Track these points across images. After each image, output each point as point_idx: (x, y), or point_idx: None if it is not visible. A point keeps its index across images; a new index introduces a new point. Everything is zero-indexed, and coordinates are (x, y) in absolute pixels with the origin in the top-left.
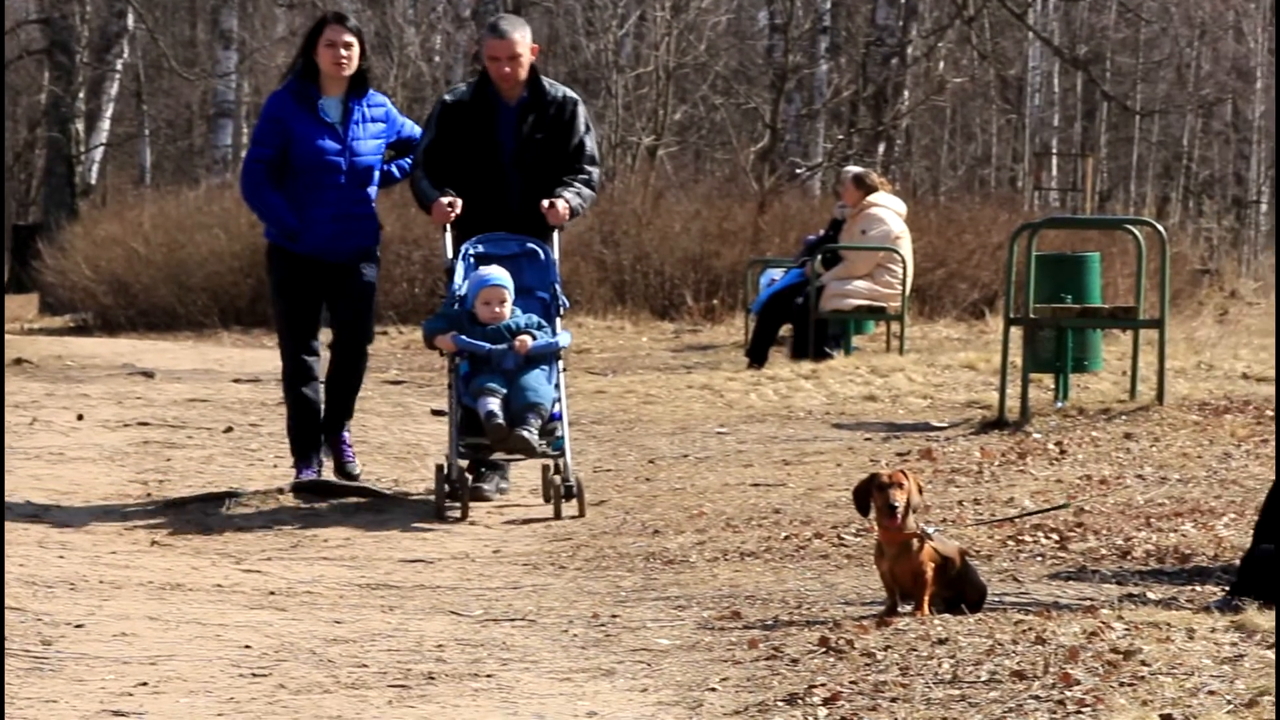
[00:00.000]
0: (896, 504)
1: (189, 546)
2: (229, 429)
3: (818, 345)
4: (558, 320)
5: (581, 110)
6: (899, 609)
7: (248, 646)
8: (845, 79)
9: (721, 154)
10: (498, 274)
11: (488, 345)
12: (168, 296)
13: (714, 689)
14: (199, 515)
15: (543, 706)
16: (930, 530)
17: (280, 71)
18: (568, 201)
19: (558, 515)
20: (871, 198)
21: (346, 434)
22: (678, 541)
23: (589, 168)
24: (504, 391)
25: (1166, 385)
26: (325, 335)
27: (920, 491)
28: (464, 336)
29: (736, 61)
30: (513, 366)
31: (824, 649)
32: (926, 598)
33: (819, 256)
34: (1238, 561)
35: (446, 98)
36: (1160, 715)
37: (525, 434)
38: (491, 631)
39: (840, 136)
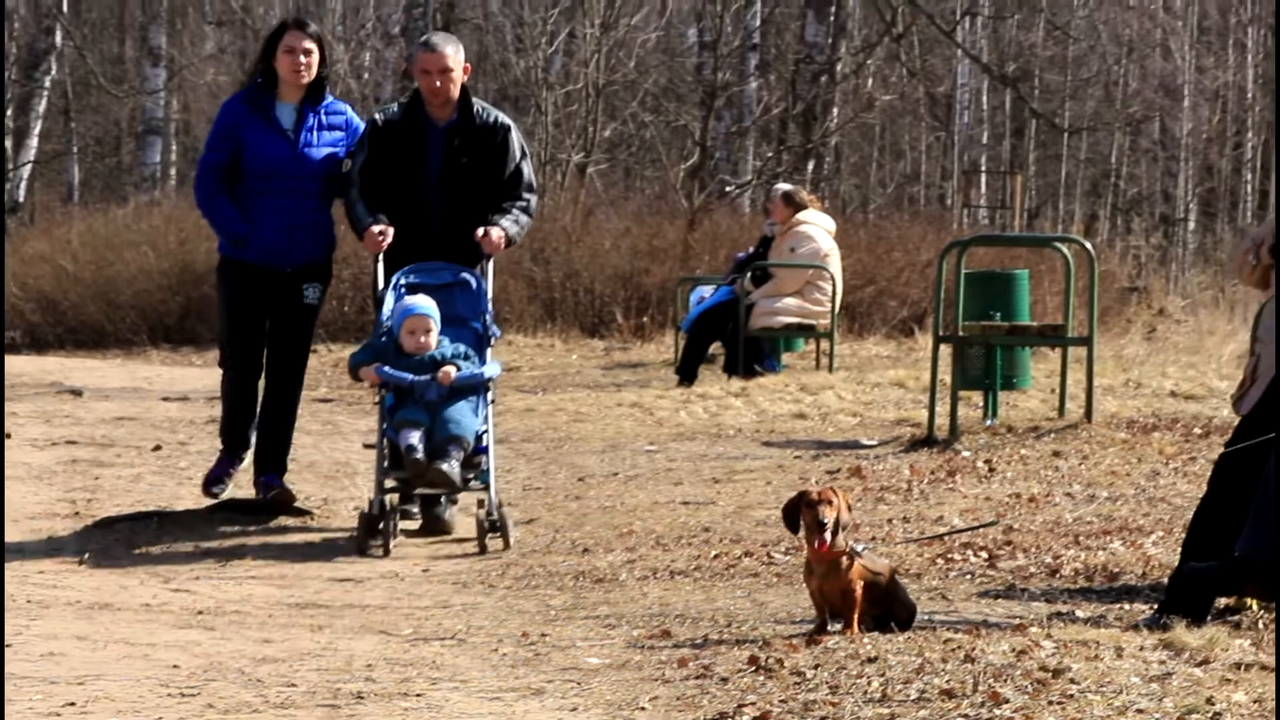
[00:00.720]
0: (825, 520)
1: (117, 566)
2: (158, 447)
3: (747, 363)
4: (489, 350)
5: (515, 135)
6: (828, 627)
7: (176, 666)
8: (774, 96)
9: (651, 171)
10: (422, 303)
11: (410, 376)
12: (96, 314)
13: (644, 708)
14: (127, 534)
15: None
16: (860, 548)
17: (209, 88)
18: (504, 230)
19: (482, 550)
20: (801, 215)
21: (277, 481)
22: (607, 560)
23: (527, 195)
24: (426, 424)
25: (1095, 403)
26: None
27: (849, 509)
28: (387, 368)
29: (666, 79)
30: (436, 398)
31: (754, 668)
32: (855, 616)
33: (748, 274)
34: (1166, 580)
35: (377, 116)
36: None
37: (444, 468)
38: (421, 650)
39: (770, 154)
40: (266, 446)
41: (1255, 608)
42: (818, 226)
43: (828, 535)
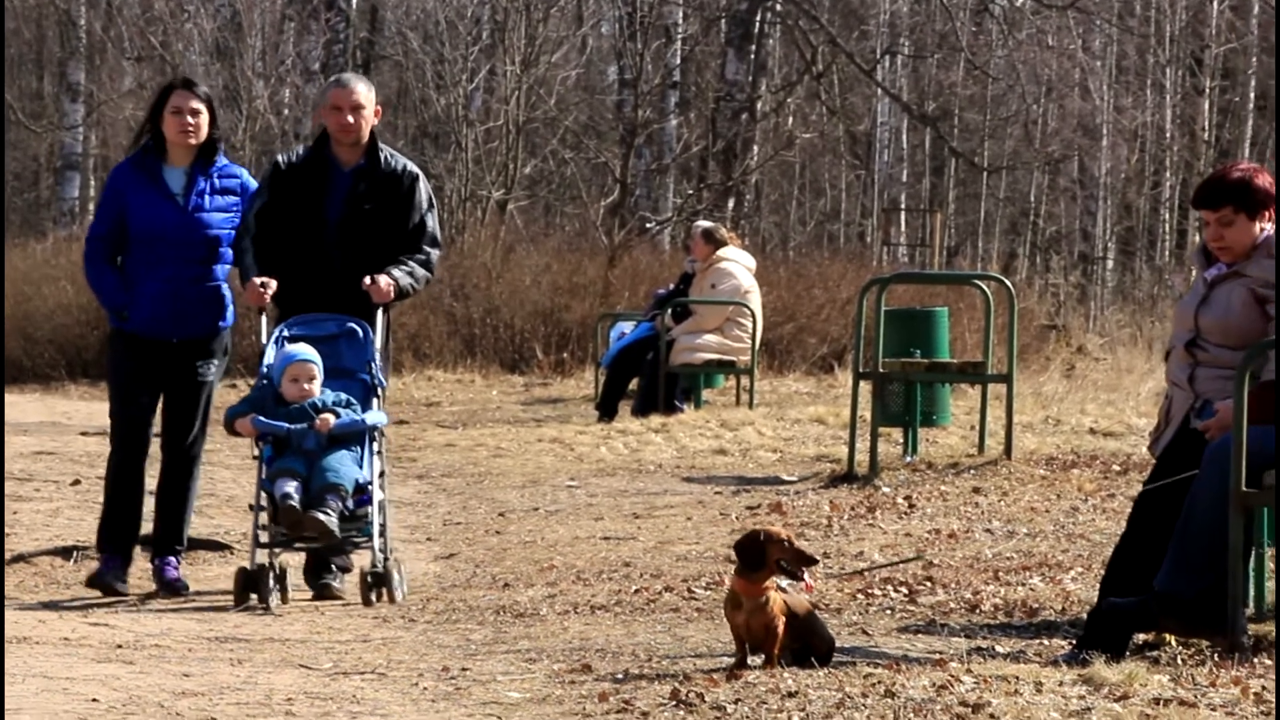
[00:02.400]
0: (814, 556)
1: (35, 600)
2: (76, 481)
3: (667, 399)
4: (376, 400)
5: (423, 186)
6: (748, 662)
7: (95, 700)
8: (695, 134)
9: (571, 208)
10: (304, 350)
11: (286, 425)
12: (14, 349)
13: None
14: (46, 569)
15: None
16: (784, 583)
17: (128, 124)
18: (394, 281)
19: (366, 603)
20: (721, 252)
21: (173, 566)
22: (528, 594)
23: (429, 249)
24: (303, 474)
25: (1014, 440)
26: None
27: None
28: (262, 418)
29: (586, 116)
30: (315, 447)
31: (674, 702)
32: (777, 651)
33: (669, 310)
34: (1085, 615)
35: (280, 159)
36: None
37: (320, 516)
38: (341, 684)
39: (690, 191)
40: (161, 529)
41: (1174, 644)
42: (738, 264)
43: (809, 577)
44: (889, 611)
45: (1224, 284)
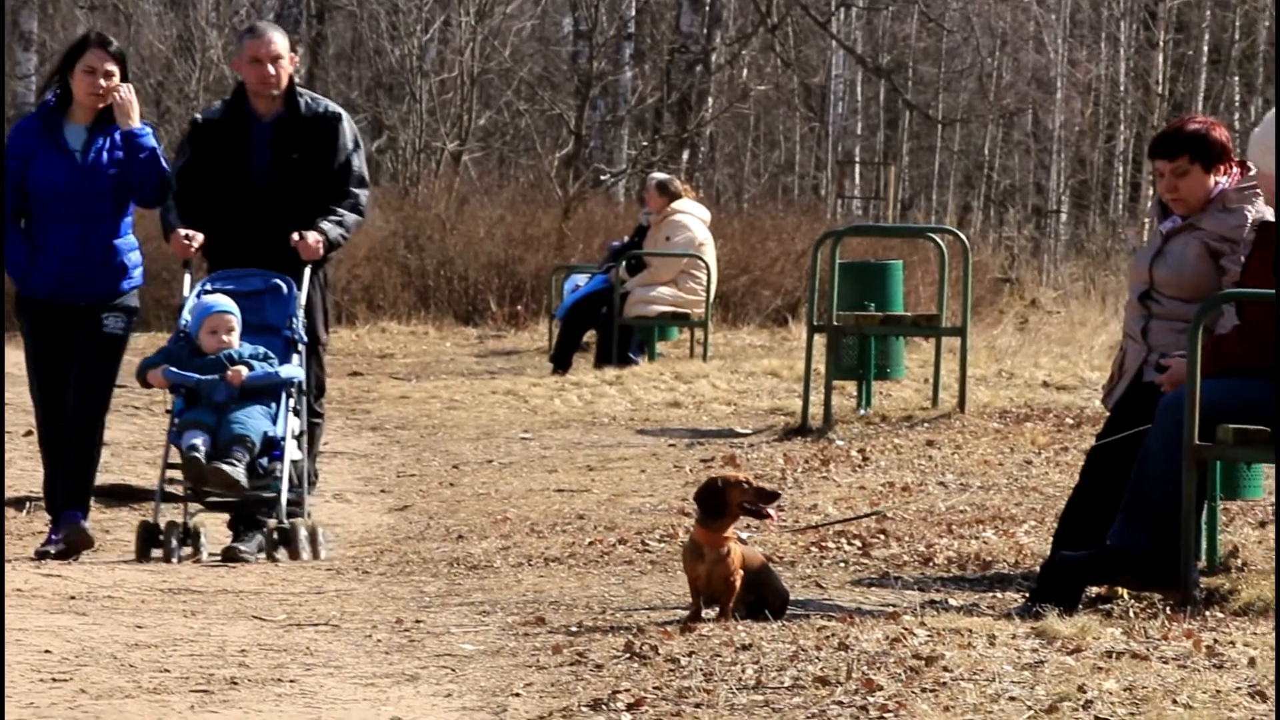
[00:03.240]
0: (776, 490)
1: None
2: (29, 433)
3: (622, 351)
4: (297, 357)
5: (347, 125)
6: (703, 615)
7: (48, 651)
8: (650, 86)
9: (526, 160)
10: (223, 301)
11: (197, 376)
12: None
13: (518, 694)
14: None
15: (346, 712)
16: (744, 536)
17: None
18: (323, 234)
19: (271, 560)
20: (676, 204)
21: (78, 518)
22: (482, 547)
23: (355, 190)
24: (212, 425)
25: (968, 393)
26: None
27: None
28: (174, 369)
29: (541, 67)
30: (225, 399)
31: (628, 654)
32: (732, 604)
33: (624, 263)
34: (1038, 568)
35: (198, 116)
36: None
37: (224, 468)
38: (295, 636)
39: (645, 143)
40: (65, 482)
41: (1126, 597)
42: (692, 216)
43: (772, 510)
44: (843, 565)
45: (1178, 237)
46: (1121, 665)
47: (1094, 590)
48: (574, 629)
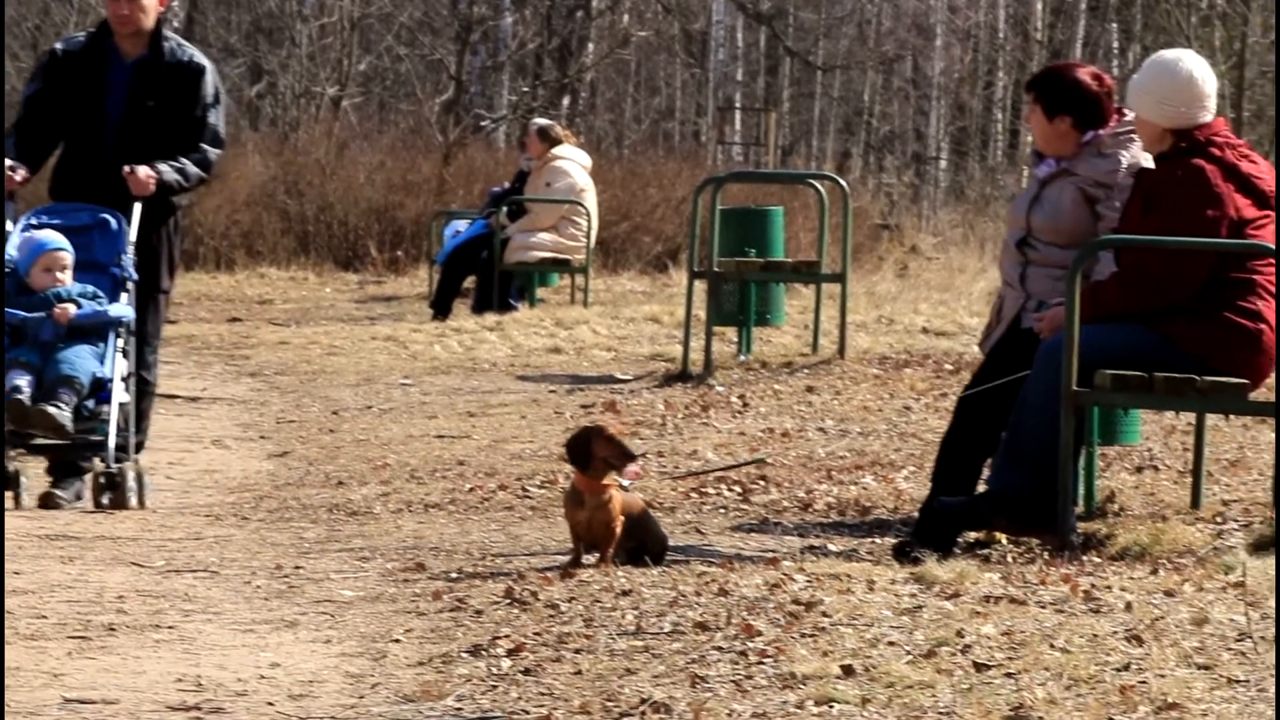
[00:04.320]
0: (635, 452)
1: None
2: None
3: (502, 298)
4: (126, 295)
5: (210, 79)
6: (583, 560)
7: None
8: (530, 31)
9: (406, 105)
10: (56, 238)
11: (22, 314)
12: None
13: (398, 640)
14: None
15: (225, 658)
16: (625, 483)
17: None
18: (156, 173)
19: (96, 506)
20: (556, 150)
21: None
22: (361, 493)
23: (206, 146)
24: (37, 365)
25: (848, 339)
26: None
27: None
28: None
29: (421, 12)
30: (51, 338)
31: (508, 600)
32: (612, 549)
33: (504, 209)
34: (917, 514)
35: (58, 46)
36: (840, 666)
37: (49, 410)
38: (173, 583)
39: (525, 89)
40: None
41: (1004, 542)
42: (573, 162)
43: (637, 465)
44: (723, 510)
45: (1054, 183)
46: (999, 610)
47: (973, 535)
48: (454, 575)
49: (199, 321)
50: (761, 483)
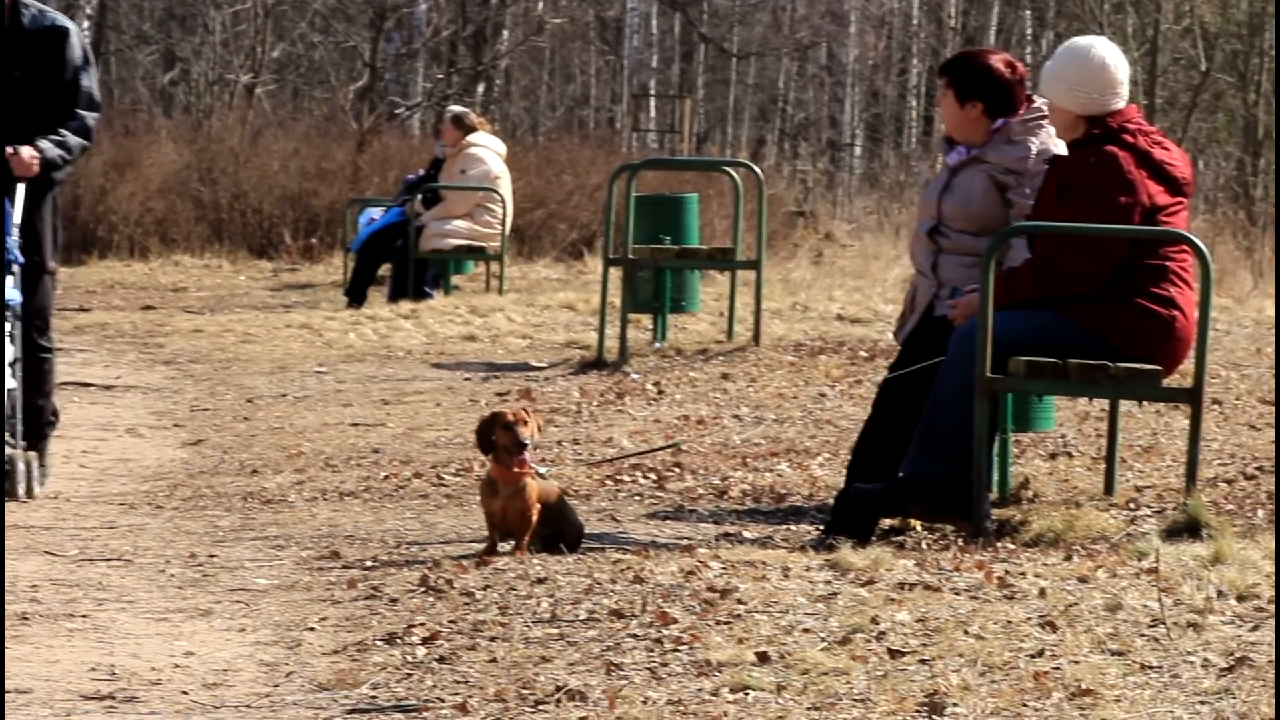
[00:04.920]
0: (527, 440)
1: None
2: None
3: (417, 285)
4: (11, 278)
5: (76, 40)
6: (498, 548)
7: None
8: (445, 18)
9: (320, 93)
10: None
11: None
12: None
13: (313, 628)
14: None
15: (139, 647)
16: (542, 470)
17: None
18: (40, 152)
19: None
20: (471, 138)
21: None
22: (276, 481)
23: (83, 112)
24: None
25: (763, 326)
26: None
27: (540, 430)
28: None
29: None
30: None
31: (423, 588)
32: (527, 538)
33: (419, 196)
34: (832, 501)
35: None
36: (756, 653)
37: None
38: (87, 571)
39: (440, 76)
40: None
41: (919, 528)
42: (488, 149)
43: (528, 455)
44: (638, 498)
45: (965, 170)
46: (914, 597)
47: (887, 522)
48: (369, 563)
49: (113, 309)
50: (677, 470)
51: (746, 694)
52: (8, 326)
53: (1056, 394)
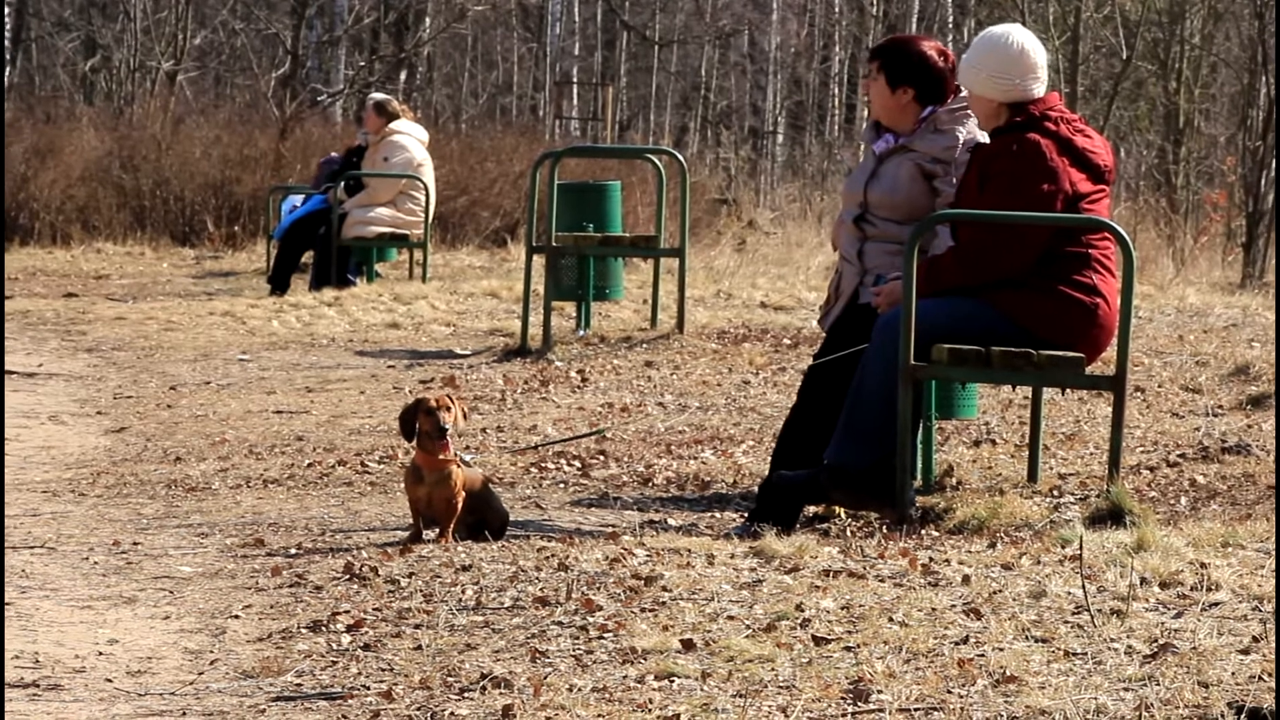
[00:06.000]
0: (448, 426)
1: None
2: None
3: (340, 273)
4: None
5: None
6: (423, 536)
7: None
8: (366, 6)
9: (242, 80)
10: None
11: None
12: None
13: (237, 616)
14: None
15: (63, 634)
16: (469, 457)
17: None
18: None
19: None
20: (393, 125)
21: None
22: (200, 469)
23: None
24: None
25: (686, 314)
26: None
27: (465, 417)
28: None
29: None
30: None
31: (348, 576)
32: (452, 525)
33: (342, 184)
34: (756, 488)
35: None
36: (680, 640)
37: None
38: (10, 559)
39: (362, 63)
40: None
41: (843, 516)
42: (410, 137)
43: (449, 441)
44: (562, 485)
45: (892, 158)
46: (839, 584)
47: (812, 510)
48: (293, 551)
49: (34, 297)
50: (601, 457)
51: (671, 681)
52: None
53: (980, 381)
